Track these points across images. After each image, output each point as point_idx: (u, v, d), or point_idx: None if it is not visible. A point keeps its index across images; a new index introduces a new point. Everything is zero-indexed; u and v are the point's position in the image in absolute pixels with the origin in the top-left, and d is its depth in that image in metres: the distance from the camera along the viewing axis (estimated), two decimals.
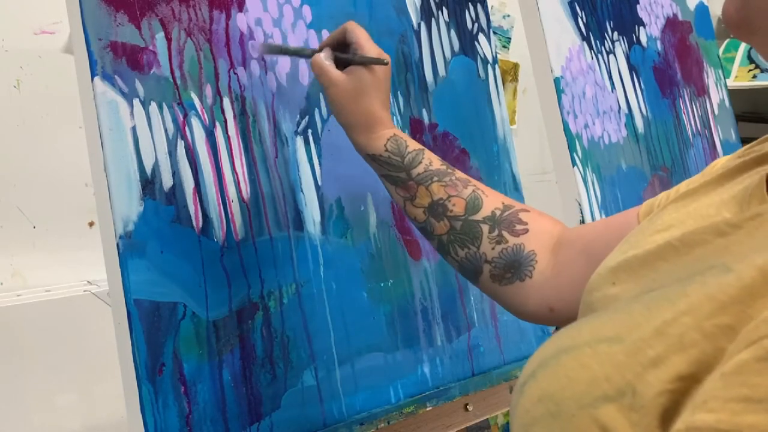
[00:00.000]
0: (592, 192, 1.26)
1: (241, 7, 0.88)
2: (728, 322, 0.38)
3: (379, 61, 0.79)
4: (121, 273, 0.75)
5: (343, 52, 0.81)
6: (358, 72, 0.79)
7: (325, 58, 0.80)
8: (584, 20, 1.36)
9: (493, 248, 0.74)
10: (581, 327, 0.48)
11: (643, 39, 1.49)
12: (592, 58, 1.36)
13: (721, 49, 2.30)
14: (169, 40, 0.82)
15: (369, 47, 0.80)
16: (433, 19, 1.10)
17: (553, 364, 0.46)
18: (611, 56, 1.40)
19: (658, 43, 1.54)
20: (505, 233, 0.74)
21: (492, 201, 0.76)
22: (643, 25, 1.50)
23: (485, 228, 0.74)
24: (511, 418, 0.49)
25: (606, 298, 0.52)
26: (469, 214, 0.75)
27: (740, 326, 0.38)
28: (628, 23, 1.47)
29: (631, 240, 0.54)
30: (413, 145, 0.79)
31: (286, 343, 0.86)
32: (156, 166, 0.79)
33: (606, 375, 0.42)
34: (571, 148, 1.25)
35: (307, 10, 0.95)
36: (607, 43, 1.40)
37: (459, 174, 0.78)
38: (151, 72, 0.80)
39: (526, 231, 0.74)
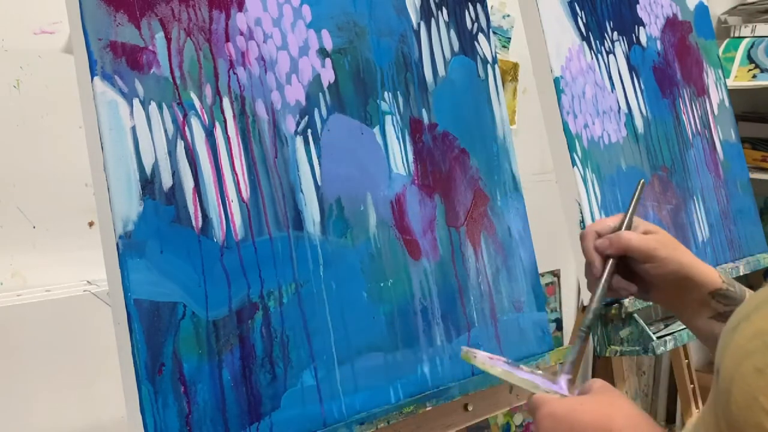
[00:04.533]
0: (592, 192, 1.26)
1: (240, 6, 0.88)
2: None
3: (642, 187, 0.83)
4: (121, 273, 0.75)
5: (625, 262, 0.82)
6: (644, 226, 0.82)
7: (629, 235, 0.80)
8: (584, 20, 1.36)
9: None
10: None
11: (643, 39, 1.49)
12: (592, 58, 1.36)
13: (721, 49, 2.30)
14: (168, 39, 0.82)
15: (617, 216, 0.83)
16: (432, 19, 1.10)
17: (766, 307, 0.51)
18: (611, 56, 1.40)
19: (658, 43, 1.54)
20: None
21: None
22: (643, 25, 1.50)
23: None
24: (718, 358, 0.54)
25: None
26: None
27: None
28: (628, 23, 1.47)
29: None
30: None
31: (286, 342, 0.86)
32: (156, 166, 0.79)
33: None
34: (571, 148, 1.25)
35: (306, 10, 0.95)
36: (607, 43, 1.40)
37: None
38: (151, 72, 0.80)
39: None
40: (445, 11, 1.12)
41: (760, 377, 0.48)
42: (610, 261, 0.82)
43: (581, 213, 1.22)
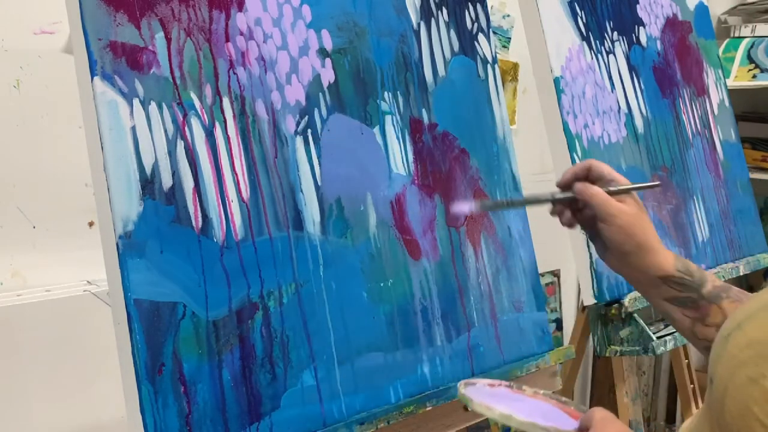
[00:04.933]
0: None
1: (240, 6, 0.88)
2: None
3: (654, 185, 0.85)
4: (121, 273, 0.75)
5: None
6: (629, 199, 0.82)
7: (603, 191, 0.82)
8: (584, 20, 1.36)
9: None
10: None
11: (643, 39, 1.49)
12: (592, 58, 1.36)
13: (721, 49, 2.30)
14: (168, 39, 0.82)
15: (620, 177, 0.84)
16: (432, 19, 1.10)
17: (761, 316, 0.52)
18: (611, 56, 1.40)
19: (658, 43, 1.54)
20: None
21: None
22: (643, 25, 1.50)
23: None
24: (711, 366, 0.54)
25: None
26: None
27: None
28: (628, 23, 1.47)
29: None
30: (692, 263, 0.81)
31: (286, 342, 0.86)
32: (156, 166, 0.79)
33: None
34: (571, 148, 1.25)
35: (306, 10, 0.95)
36: (607, 43, 1.40)
37: (734, 288, 0.80)
38: (151, 72, 0.80)
39: None
40: (445, 11, 1.12)
41: (753, 387, 0.48)
42: (569, 190, 0.85)
43: None
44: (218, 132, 0.84)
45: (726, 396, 0.51)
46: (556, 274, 2.17)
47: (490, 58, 1.18)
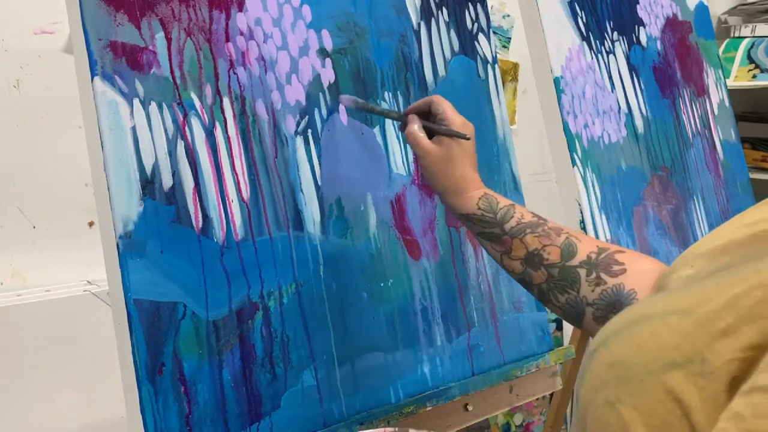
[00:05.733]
0: (592, 192, 1.26)
1: (240, 6, 0.88)
2: None
3: (461, 135, 0.85)
4: (121, 273, 0.75)
5: (427, 120, 0.87)
6: (447, 141, 0.85)
7: (418, 129, 0.86)
8: (584, 20, 1.36)
9: (592, 290, 0.76)
10: (654, 301, 0.51)
11: (643, 39, 1.49)
12: (592, 58, 1.36)
13: (721, 49, 2.30)
14: (168, 39, 0.82)
15: (454, 118, 0.85)
16: (432, 19, 1.10)
17: (626, 333, 0.49)
18: (611, 56, 1.40)
19: (658, 43, 1.54)
20: (602, 275, 0.76)
21: (586, 245, 0.78)
22: (643, 25, 1.50)
23: (582, 272, 0.76)
24: (578, 382, 0.51)
25: (680, 279, 0.55)
26: (564, 260, 0.78)
27: None
28: (628, 23, 1.47)
29: (719, 231, 0.56)
30: (504, 201, 0.83)
31: (286, 342, 0.86)
32: (156, 166, 0.79)
33: (675, 344, 0.44)
34: (571, 148, 1.25)
35: (306, 10, 0.95)
36: (607, 43, 1.40)
37: (551, 224, 0.81)
38: (151, 72, 0.80)
39: (624, 271, 0.75)
40: (445, 11, 1.12)
41: (610, 411, 0.46)
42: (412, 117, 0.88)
43: (581, 213, 1.22)
44: (218, 132, 0.84)
45: (587, 416, 0.48)
46: None
47: (490, 58, 1.18)
